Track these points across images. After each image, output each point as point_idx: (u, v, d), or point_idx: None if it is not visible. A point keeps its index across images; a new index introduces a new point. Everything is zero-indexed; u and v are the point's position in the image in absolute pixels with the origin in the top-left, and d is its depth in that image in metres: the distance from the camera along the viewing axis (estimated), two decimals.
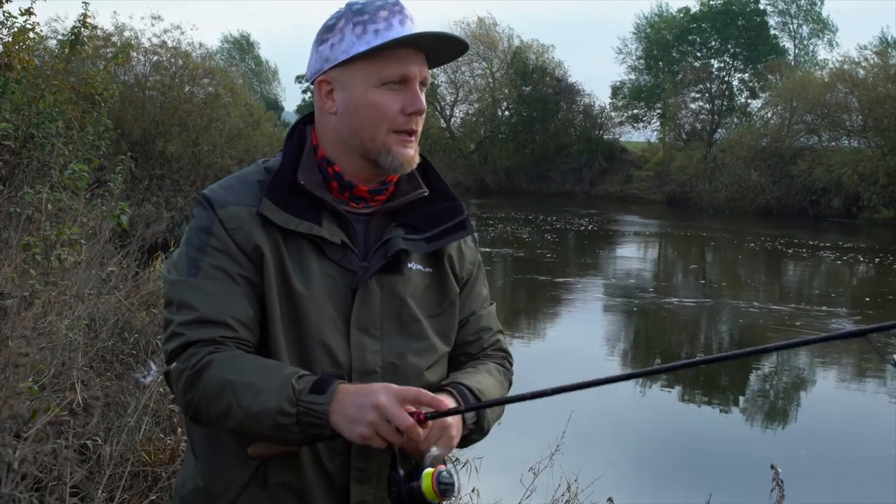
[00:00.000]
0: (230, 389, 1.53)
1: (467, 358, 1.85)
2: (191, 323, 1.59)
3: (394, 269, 1.73)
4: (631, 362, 10.81)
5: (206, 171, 17.46)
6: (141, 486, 3.95)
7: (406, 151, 1.71)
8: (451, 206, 1.82)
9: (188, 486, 1.74)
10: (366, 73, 1.67)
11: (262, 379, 1.53)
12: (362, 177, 1.74)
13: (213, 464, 1.70)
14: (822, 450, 7.61)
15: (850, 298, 15.87)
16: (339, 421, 1.50)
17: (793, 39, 49.06)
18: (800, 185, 34.42)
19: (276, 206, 1.65)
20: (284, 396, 1.51)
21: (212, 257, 1.64)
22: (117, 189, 8.93)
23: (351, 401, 1.50)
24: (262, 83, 66.22)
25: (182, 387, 1.59)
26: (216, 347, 1.58)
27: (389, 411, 1.48)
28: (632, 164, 44.26)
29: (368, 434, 1.49)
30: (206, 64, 21.37)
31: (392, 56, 1.66)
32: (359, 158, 1.72)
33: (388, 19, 1.66)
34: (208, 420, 1.60)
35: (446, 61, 1.79)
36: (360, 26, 1.66)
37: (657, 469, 7.04)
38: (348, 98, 1.69)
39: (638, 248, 24.15)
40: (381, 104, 1.67)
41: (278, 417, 1.51)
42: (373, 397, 1.49)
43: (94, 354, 5.41)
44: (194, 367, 1.57)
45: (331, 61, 1.69)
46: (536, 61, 47.61)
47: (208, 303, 1.60)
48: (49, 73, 9.34)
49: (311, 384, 1.52)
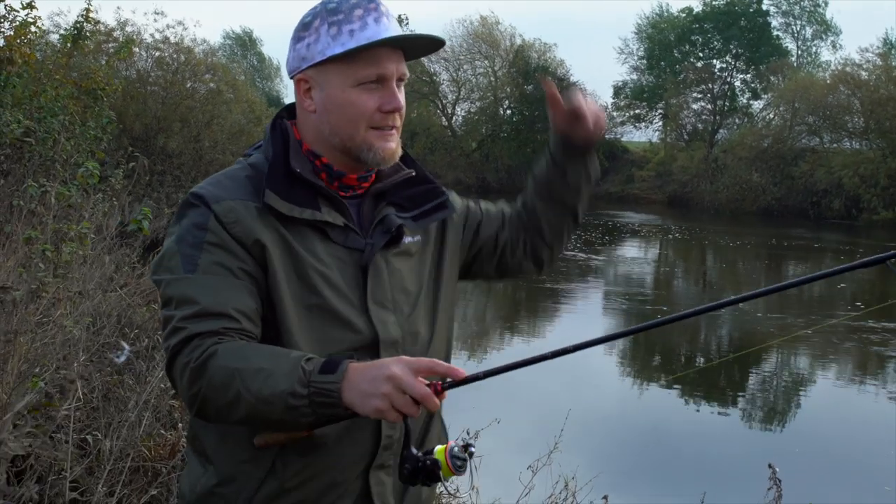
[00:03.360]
0: (238, 376, 1.51)
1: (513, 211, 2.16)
2: (192, 316, 1.58)
3: (395, 244, 1.77)
4: (631, 362, 10.82)
5: (207, 167, 17.41)
6: (141, 482, 3.96)
7: (387, 145, 1.73)
8: (432, 187, 1.88)
9: (197, 490, 1.72)
10: (342, 74, 1.68)
11: (270, 364, 1.52)
12: (348, 168, 1.77)
13: (227, 462, 1.69)
14: (819, 449, 7.62)
15: (851, 300, 15.87)
16: (353, 397, 1.48)
17: (796, 41, 49.06)
18: (801, 187, 34.43)
19: (279, 197, 1.66)
20: (295, 378, 1.49)
21: (209, 253, 1.63)
22: (119, 184, 8.95)
23: (363, 376, 1.49)
24: (264, 79, 66.17)
25: (187, 380, 1.56)
26: (220, 338, 1.57)
27: (404, 381, 1.47)
28: (633, 163, 44.25)
29: (384, 406, 1.47)
30: (208, 60, 21.34)
31: (368, 56, 1.67)
32: (340, 154, 1.75)
33: (363, 18, 1.66)
34: (216, 411, 1.57)
35: (424, 54, 1.81)
36: (335, 26, 1.66)
37: (654, 467, 7.04)
38: (326, 98, 1.70)
39: (639, 248, 24.15)
40: (359, 104, 1.68)
41: (290, 399, 1.49)
42: (385, 370, 1.48)
43: (95, 350, 5.42)
44: (198, 358, 1.55)
45: (307, 61, 1.70)
46: (538, 60, 47.59)
47: (209, 296, 1.59)
48: (51, 67, 9.35)
49: (321, 365, 1.52)
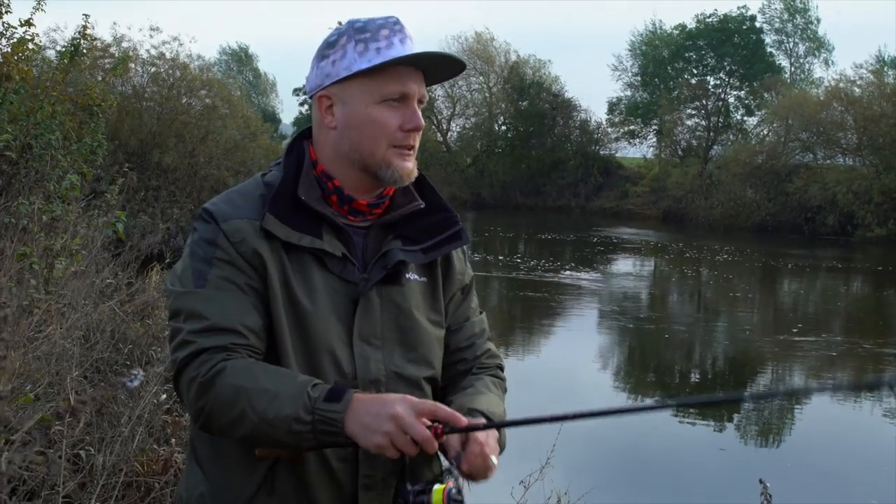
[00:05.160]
0: (244, 395, 1.55)
1: (463, 365, 1.88)
2: (201, 331, 1.61)
3: (393, 280, 1.77)
4: (625, 383, 10.83)
5: (202, 182, 17.46)
6: (134, 497, 3.96)
7: (405, 164, 1.75)
8: (447, 216, 1.87)
9: (194, 496, 1.75)
10: (366, 90, 1.71)
11: (276, 385, 1.55)
12: (361, 189, 1.78)
13: (219, 474, 1.71)
14: (809, 463, 7.63)
15: (846, 317, 15.91)
16: (355, 429, 1.52)
17: (789, 57, 49.33)
18: (795, 203, 34.50)
19: (279, 221, 1.68)
20: (300, 404, 1.53)
21: (219, 269, 1.66)
22: (114, 200, 8.95)
23: (367, 410, 1.53)
24: (259, 95, 66.26)
25: (194, 394, 1.60)
26: (228, 354, 1.60)
27: (407, 422, 1.51)
28: (628, 179, 44.36)
29: (384, 444, 1.51)
30: (203, 75, 21.41)
31: (392, 74, 1.70)
32: (358, 171, 1.76)
33: (389, 38, 1.70)
34: (220, 427, 1.61)
35: (443, 80, 1.85)
36: (362, 44, 1.70)
37: (647, 482, 7.04)
38: (349, 114, 1.73)
39: (633, 264, 24.19)
40: (381, 120, 1.71)
41: (294, 425, 1.53)
42: (390, 408, 1.52)
43: (88, 365, 5.42)
44: (207, 373, 1.58)
45: (332, 77, 1.73)
46: (533, 76, 47.80)
47: (218, 311, 1.63)
48: (48, 83, 9.37)
49: (326, 392, 1.55)
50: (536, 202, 43.92)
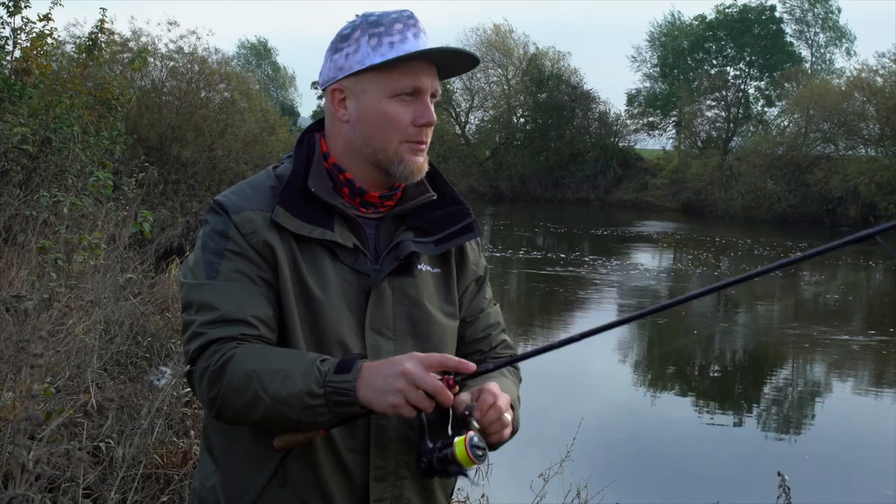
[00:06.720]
0: (256, 378, 1.56)
1: (478, 356, 1.88)
2: (212, 322, 1.62)
3: (405, 272, 1.76)
4: (644, 376, 10.80)
5: (221, 175, 17.51)
6: (153, 489, 3.98)
7: (417, 160, 1.74)
8: (459, 209, 1.86)
9: (207, 486, 1.76)
10: (379, 84, 1.70)
11: (286, 365, 1.56)
12: (373, 183, 1.78)
13: (232, 466, 1.72)
14: (829, 455, 7.58)
15: (867, 309, 15.78)
16: (368, 394, 1.53)
17: (810, 48, 48.91)
18: (816, 194, 34.25)
19: (289, 213, 1.68)
20: (311, 378, 1.54)
21: (230, 261, 1.67)
22: (131, 193, 9.00)
23: (377, 373, 1.53)
24: (278, 89, 66.48)
25: (206, 384, 1.61)
26: (238, 344, 1.61)
27: (417, 376, 1.51)
28: (647, 171, 44.12)
29: (398, 402, 1.51)
30: (222, 69, 21.44)
31: (406, 68, 1.70)
32: (369, 166, 1.76)
33: (402, 32, 1.70)
34: (234, 413, 1.61)
35: (457, 74, 1.83)
36: (376, 38, 1.70)
37: (666, 475, 7.02)
38: (361, 107, 1.72)
39: (653, 256, 24.08)
40: (394, 115, 1.71)
41: (307, 399, 1.53)
42: (398, 366, 1.52)
43: (108, 358, 5.45)
44: (217, 362, 1.59)
45: (345, 70, 1.72)
46: (552, 68, 47.58)
47: (229, 303, 1.63)
48: (66, 77, 9.42)
49: (336, 365, 1.56)
50: (555, 195, 43.80)
